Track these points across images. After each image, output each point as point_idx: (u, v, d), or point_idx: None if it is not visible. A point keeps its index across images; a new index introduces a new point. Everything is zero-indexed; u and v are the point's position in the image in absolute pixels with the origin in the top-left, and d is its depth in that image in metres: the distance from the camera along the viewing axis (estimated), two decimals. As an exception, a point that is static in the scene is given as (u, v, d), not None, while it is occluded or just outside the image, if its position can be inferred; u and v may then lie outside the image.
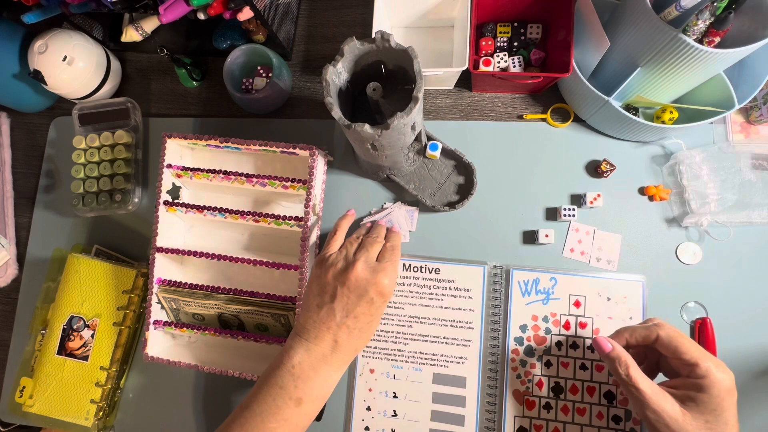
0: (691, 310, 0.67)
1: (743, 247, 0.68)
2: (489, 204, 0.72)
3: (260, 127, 0.79)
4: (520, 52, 0.73)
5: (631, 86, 0.65)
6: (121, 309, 0.73)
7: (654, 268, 0.68)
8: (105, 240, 0.79)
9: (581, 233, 0.69)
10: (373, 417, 0.68)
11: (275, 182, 0.69)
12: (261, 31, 0.79)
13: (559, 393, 0.66)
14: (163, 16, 0.69)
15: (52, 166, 0.83)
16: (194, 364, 0.67)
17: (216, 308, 0.69)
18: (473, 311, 0.69)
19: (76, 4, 0.70)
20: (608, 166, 0.68)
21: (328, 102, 0.54)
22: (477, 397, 0.67)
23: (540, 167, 0.72)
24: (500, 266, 0.70)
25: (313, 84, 0.80)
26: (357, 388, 0.69)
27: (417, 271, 0.71)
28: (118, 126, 0.79)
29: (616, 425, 0.64)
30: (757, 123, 0.70)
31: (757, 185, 0.66)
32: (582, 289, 0.68)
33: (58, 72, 0.74)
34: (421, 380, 0.69)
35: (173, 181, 0.72)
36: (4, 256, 0.80)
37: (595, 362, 0.66)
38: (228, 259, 0.69)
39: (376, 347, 0.70)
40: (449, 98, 0.77)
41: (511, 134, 0.74)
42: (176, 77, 0.83)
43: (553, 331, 0.68)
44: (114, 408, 0.74)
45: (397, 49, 0.54)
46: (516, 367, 0.67)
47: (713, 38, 0.56)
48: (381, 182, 0.75)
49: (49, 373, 0.72)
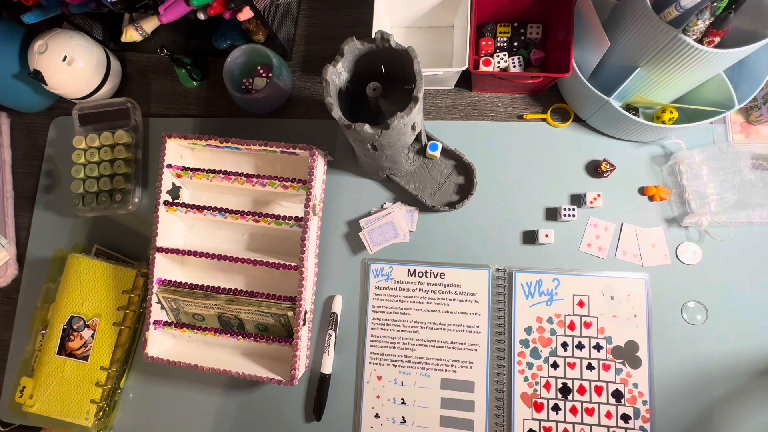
0: (691, 309, 0.67)
1: (743, 247, 0.68)
2: (489, 204, 0.72)
3: (260, 127, 0.79)
4: (520, 52, 0.73)
5: (631, 86, 0.65)
6: (121, 309, 0.73)
7: (654, 268, 0.68)
8: (105, 240, 0.79)
9: (599, 228, 0.69)
10: (382, 424, 0.68)
11: (275, 182, 0.69)
12: (261, 31, 0.79)
13: (567, 394, 0.66)
14: (163, 16, 0.69)
15: (52, 166, 0.83)
16: (194, 364, 0.67)
17: (216, 308, 0.69)
18: (479, 315, 0.69)
19: (76, 4, 0.70)
20: (608, 166, 0.68)
21: (328, 102, 0.54)
22: (485, 401, 0.67)
23: (540, 167, 0.72)
24: (503, 269, 0.70)
25: (313, 84, 0.80)
26: (365, 396, 0.69)
27: (422, 276, 0.71)
28: (118, 126, 0.79)
29: (625, 423, 0.64)
30: (757, 123, 0.70)
31: (757, 185, 0.66)
32: (585, 288, 0.68)
33: (58, 72, 0.74)
34: (429, 386, 0.69)
35: (173, 181, 0.72)
36: (4, 256, 0.80)
37: (602, 362, 0.66)
38: (228, 259, 0.69)
39: (383, 354, 0.70)
40: (449, 98, 0.77)
41: (511, 134, 0.74)
42: (176, 77, 0.83)
43: (558, 332, 0.68)
44: (114, 408, 0.74)
45: (397, 49, 0.54)
46: (523, 370, 0.67)
47: (713, 38, 0.56)
48: (381, 182, 0.75)
49: (49, 373, 0.72)
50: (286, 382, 0.64)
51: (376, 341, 0.71)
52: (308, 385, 0.71)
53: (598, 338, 0.67)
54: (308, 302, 0.68)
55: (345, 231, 0.74)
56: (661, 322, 0.67)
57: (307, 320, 0.69)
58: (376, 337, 0.71)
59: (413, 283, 0.71)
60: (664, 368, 0.66)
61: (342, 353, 0.71)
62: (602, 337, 0.67)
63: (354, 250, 0.74)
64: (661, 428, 0.65)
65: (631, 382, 0.65)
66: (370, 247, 0.71)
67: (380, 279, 0.72)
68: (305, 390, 0.71)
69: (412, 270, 0.71)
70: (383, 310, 0.71)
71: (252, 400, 0.72)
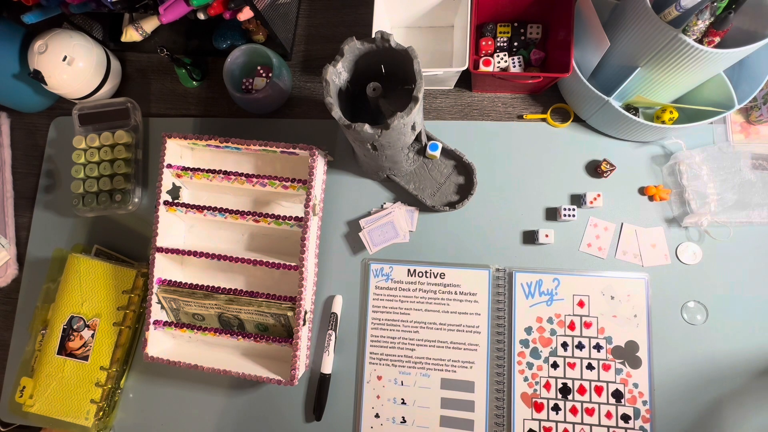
0: (691, 309, 0.67)
1: (743, 247, 0.68)
2: (489, 204, 0.72)
3: (260, 127, 0.79)
4: (520, 52, 0.73)
5: (631, 86, 0.65)
6: (121, 309, 0.73)
7: (654, 268, 0.68)
8: (105, 240, 0.79)
9: (599, 228, 0.69)
10: (382, 424, 0.68)
11: (275, 182, 0.69)
12: (261, 31, 0.79)
13: (567, 394, 0.66)
14: (163, 16, 0.69)
15: (52, 166, 0.83)
16: (194, 364, 0.67)
17: (216, 308, 0.69)
18: (479, 315, 0.69)
19: (76, 4, 0.70)
20: (608, 166, 0.68)
21: (328, 102, 0.54)
22: (485, 401, 0.67)
23: (540, 167, 0.72)
24: (503, 269, 0.70)
25: (313, 84, 0.80)
26: (365, 396, 0.69)
27: (422, 276, 0.71)
28: (118, 126, 0.79)
29: (625, 424, 0.65)
30: (757, 123, 0.70)
31: (757, 185, 0.66)
32: (585, 289, 0.68)
33: (58, 72, 0.74)
34: (429, 386, 0.69)
35: (173, 181, 0.72)
36: (4, 256, 0.80)
37: (602, 362, 0.66)
38: (228, 259, 0.69)
39: (383, 354, 0.70)
40: (449, 98, 0.77)
41: (511, 134, 0.74)
42: (176, 77, 0.83)
43: (558, 332, 0.68)
44: (114, 408, 0.74)
45: (397, 49, 0.54)
46: (523, 370, 0.67)
47: (713, 38, 0.56)
48: (381, 182, 0.75)
49: (49, 373, 0.72)
50: (286, 382, 0.64)
51: (376, 341, 0.71)
52: (308, 385, 0.71)
53: (598, 338, 0.67)
54: (308, 302, 0.68)
55: (345, 231, 0.74)
56: (661, 322, 0.67)
57: (307, 320, 0.69)
58: (376, 337, 0.71)
59: (413, 283, 0.71)
60: (664, 368, 0.66)
61: (342, 353, 0.71)
62: (602, 337, 0.67)
63: (354, 250, 0.74)
64: (661, 428, 0.65)
65: (631, 382, 0.65)
66: (370, 247, 0.71)
67: (380, 279, 0.72)
68: (305, 390, 0.71)
69: (412, 270, 0.71)
70: (383, 310, 0.71)
71: (252, 400, 0.72)
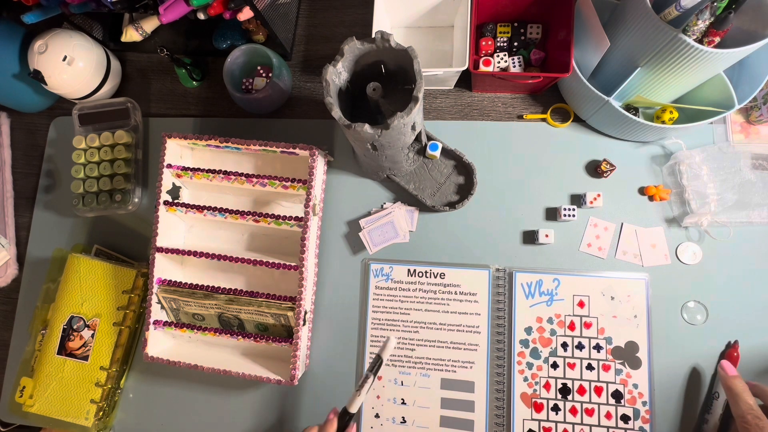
0: (691, 309, 0.67)
1: (743, 247, 0.68)
2: (489, 204, 0.72)
3: (260, 127, 0.79)
4: (520, 52, 0.73)
5: (631, 86, 0.65)
6: (121, 309, 0.73)
7: (654, 268, 0.68)
8: (105, 240, 0.79)
9: (599, 228, 0.69)
10: (382, 424, 0.68)
11: (275, 182, 0.69)
12: (261, 31, 0.79)
13: (566, 394, 0.66)
14: (163, 16, 0.69)
15: (52, 166, 0.83)
16: (194, 364, 0.67)
17: (216, 308, 0.69)
18: (479, 315, 0.69)
19: (76, 4, 0.70)
20: (608, 166, 0.68)
21: (328, 102, 0.54)
22: (485, 401, 0.67)
23: (540, 167, 0.72)
24: (503, 269, 0.70)
25: (313, 84, 0.80)
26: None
27: (422, 276, 0.71)
28: (118, 126, 0.79)
29: (625, 424, 0.64)
30: (757, 123, 0.70)
31: (757, 185, 0.66)
32: (585, 289, 0.68)
33: (58, 72, 0.74)
34: (429, 386, 0.68)
35: (173, 181, 0.72)
36: (4, 256, 0.80)
37: (602, 362, 0.66)
38: (228, 259, 0.69)
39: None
40: (449, 98, 0.77)
41: (511, 134, 0.74)
42: (176, 77, 0.83)
43: (558, 333, 0.68)
44: (114, 408, 0.74)
45: (397, 49, 0.54)
46: (523, 370, 0.67)
47: (713, 38, 0.56)
48: (381, 182, 0.75)
49: (49, 373, 0.72)
50: (286, 382, 0.64)
51: (376, 341, 0.71)
52: (308, 385, 0.71)
53: (598, 338, 0.67)
54: (308, 302, 0.68)
55: (345, 231, 0.74)
56: (661, 323, 0.67)
57: (307, 320, 0.69)
58: (377, 338, 0.71)
59: (413, 283, 0.71)
60: (664, 369, 0.66)
61: (342, 353, 0.71)
62: (602, 338, 0.67)
63: (354, 250, 0.74)
64: (660, 429, 0.65)
65: (630, 382, 0.65)
66: (370, 247, 0.71)
67: (380, 279, 0.72)
68: (305, 390, 0.71)
69: (412, 270, 0.71)
70: (383, 310, 0.71)
71: (252, 400, 0.72)
